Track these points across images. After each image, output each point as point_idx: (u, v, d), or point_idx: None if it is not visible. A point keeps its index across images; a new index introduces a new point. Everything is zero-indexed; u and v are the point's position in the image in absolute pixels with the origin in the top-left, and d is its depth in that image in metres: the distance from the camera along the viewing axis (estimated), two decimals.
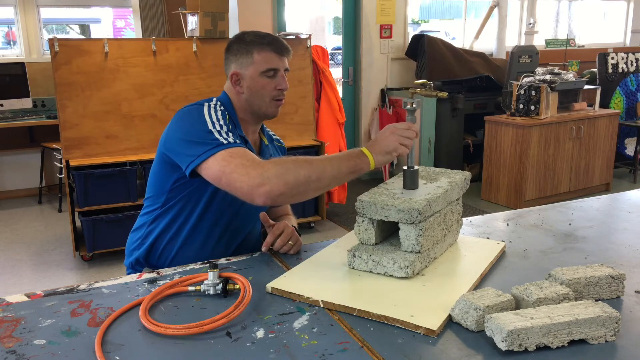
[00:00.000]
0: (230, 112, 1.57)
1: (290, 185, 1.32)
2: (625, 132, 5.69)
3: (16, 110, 4.93)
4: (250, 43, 1.55)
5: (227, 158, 1.37)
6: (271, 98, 1.57)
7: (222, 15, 3.93)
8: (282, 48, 1.57)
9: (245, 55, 1.55)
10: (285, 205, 1.79)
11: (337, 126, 4.50)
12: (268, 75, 1.55)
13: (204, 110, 1.50)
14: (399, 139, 1.37)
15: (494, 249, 1.49)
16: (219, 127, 1.45)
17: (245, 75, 1.56)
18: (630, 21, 7.57)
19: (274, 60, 1.56)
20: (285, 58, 1.59)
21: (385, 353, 1.02)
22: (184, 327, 1.09)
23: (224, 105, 1.58)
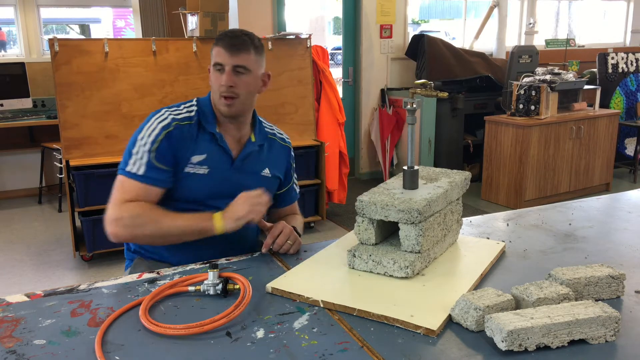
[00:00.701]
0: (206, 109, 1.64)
1: (134, 237, 1.54)
2: (625, 132, 5.69)
3: (16, 110, 4.93)
4: (216, 38, 1.61)
5: (117, 184, 1.55)
6: (220, 94, 1.58)
7: (222, 15, 3.93)
8: (231, 45, 1.56)
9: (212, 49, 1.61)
10: (293, 204, 1.86)
11: (337, 126, 4.50)
12: (216, 69, 1.58)
13: (145, 125, 1.59)
14: (250, 207, 1.48)
15: (494, 249, 1.49)
16: (142, 149, 1.55)
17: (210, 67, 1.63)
18: (630, 21, 7.57)
19: (221, 55, 1.57)
20: (235, 55, 1.56)
21: (385, 353, 1.02)
22: (184, 327, 1.09)
23: (203, 103, 1.66)
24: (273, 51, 4.12)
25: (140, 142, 1.56)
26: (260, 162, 1.71)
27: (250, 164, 1.68)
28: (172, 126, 1.57)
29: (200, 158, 1.60)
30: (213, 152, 1.62)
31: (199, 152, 1.60)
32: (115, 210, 1.51)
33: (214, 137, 1.62)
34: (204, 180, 1.60)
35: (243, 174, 1.66)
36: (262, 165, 1.71)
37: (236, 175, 1.64)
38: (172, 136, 1.57)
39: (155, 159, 1.54)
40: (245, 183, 1.63)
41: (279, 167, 1.77)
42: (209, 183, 1.61)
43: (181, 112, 1.62)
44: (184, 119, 1.60)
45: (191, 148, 1.60)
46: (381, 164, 5.65)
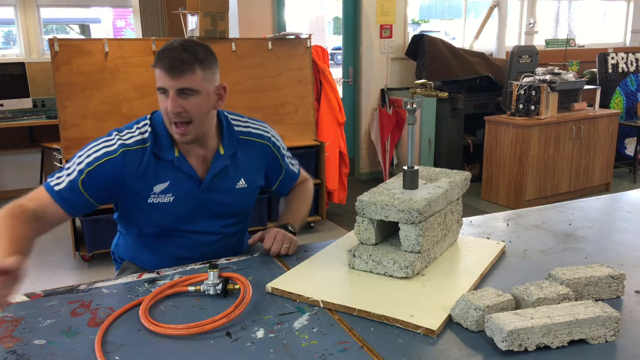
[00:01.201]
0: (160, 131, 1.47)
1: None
2: (625, 132, 5.69)
3: (16, 110, 4.93)
4: (156, 55, 1.42)
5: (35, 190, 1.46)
6: (169, 120, 1.43)
7: (222, 15, 3.93)
8: (170, 67, 1.38)
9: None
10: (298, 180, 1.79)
11: (337, 126, 4.50)
12: (161, 92, 1.42)
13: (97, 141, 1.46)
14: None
15: (494, 249, 1.49)
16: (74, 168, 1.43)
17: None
18: (630, 21, 7.57)
19: (163, 78, 1.39)
20: (178, 78, 1.38)
21: (385, 353, 1.02)
22: (184, 327, 1.09)
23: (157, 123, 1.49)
24: (273, 51, 4.12)
25: (77, 160, 1.44)
26: (234, 174, 1.57)
27: (222, 180, 1.54)
28: (117, 153, 1.43)
29: (163, 186, 1.48)
30: (176, 178, 1.48)
31: (161, 180, 1.47)
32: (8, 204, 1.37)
33: (173, 163, 1.48)
34: (169, 208, 1.49)
35: (215, 192, 1.54)
36: (236, 177, 1.57)
37: (207, 195, 1.53)
38: (114, 164, 1.42)
39: (82, 182, 1.41)
40: (217, 201, 1.54)
41: (257, 171, 1.63)
42: (175, 211, 1.50)
43: (133, 136, 1.46)
44: (136, 143, 1.45)
45: (150, 176, 1.46)
46: (381, 164, 5.65)
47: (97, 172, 1.42)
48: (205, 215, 1.55)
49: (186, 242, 1.58)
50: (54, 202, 1.42)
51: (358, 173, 5.90)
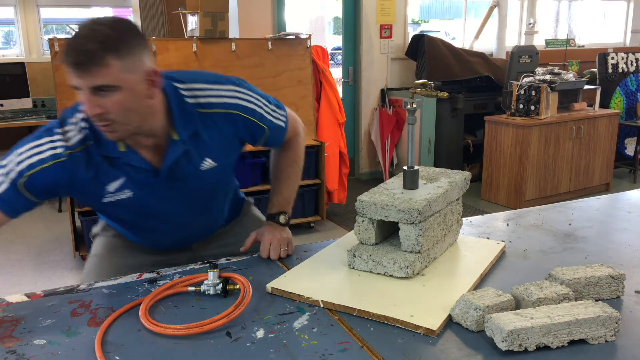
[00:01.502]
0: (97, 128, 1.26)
1: None
2: (625, 132, 5.69)
3: (16, 110, 4.93)
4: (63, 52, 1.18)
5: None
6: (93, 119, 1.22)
7: (222, 15, 3.93)
8: (75, 63, 1.15)
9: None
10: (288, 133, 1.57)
11: (337, 126, 4.50)
12: (78, 92, 1.20)
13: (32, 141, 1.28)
14: None
15: (494, 249, 1.49)
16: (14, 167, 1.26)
17: None
18: (630, 21, 7.58)
19: (72, 76, 1.17)
20: (87, 76, 1.15)
21: (385, 353, 1.02)
22: (184, 327, 1.09)
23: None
24: (273, 51, 4.12)
25: (16, 159, 1.26)
26: (197, 156, 1.36)
27: (183, 166, 1.35)
28: (64, 156, 1.26)
29: (117, 184, 1.32)
30: (129, 173, 1.32)
31: (113, 178, 1.31)
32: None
33: (121, 159, 1.30)
34: (131, 203, 1.36)
35: (178, 180, 1.37)
36: (199, 158, 1.37)
37: (167, 186, 1.36)
38: (58, 168, 1.26)
39: (25, 185, 1.25)
40: (182, 190, 1.40)
41: (226, 145, 1.41)
42: (139, 205, 1.37)
43: (73, 135, 1.27)
44: (79, 143, 1.27)
45: (101, 176, 1.30)
46: (381, 164, 5.65)
47: (40, 175, 1.25)
48: (169, 207, 1.42)
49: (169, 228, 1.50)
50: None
51: (358, 173, 5.90)
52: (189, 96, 1.33)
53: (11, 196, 1.27)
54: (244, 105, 1.39)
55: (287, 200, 1.59)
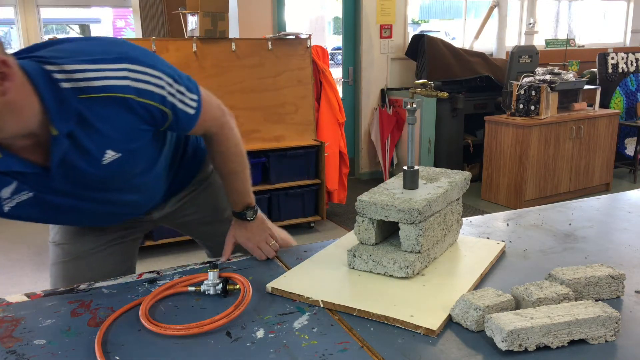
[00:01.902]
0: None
1: None
2: (625, 132, 5.69)
3: None
4: None
5: None
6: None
7: (222, 15, 3.93)
8: None
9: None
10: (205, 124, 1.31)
11: (337, 126, 4.50)
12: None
13: None
14: None
15: (494, 249, 1.49)
16: None
17: None
18: (630, 21, 7.58)
19: None
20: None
21: (385, 353, 1.02)
22: (184, 327, 1.09)
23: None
24: (273, 51, 4.12)
25: None
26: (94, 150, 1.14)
27: (78, 163, 1.14)
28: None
29: (10, 189, 1.14)
30: (17, 176, 1.13)
31: (2, 184, 1.12)
32: None
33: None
34: (39, 202, 1.19)
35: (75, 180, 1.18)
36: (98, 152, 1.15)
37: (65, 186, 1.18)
38: None
39: None
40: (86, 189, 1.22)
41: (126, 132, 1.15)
42: (46, 204, 1.21)
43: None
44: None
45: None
46: (381, 164, 5.65)
47: None
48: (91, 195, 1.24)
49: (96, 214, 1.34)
50: None
51: (358, 173, 5.90)
52: (64, 80, 1.06)
53: None
54: (137, 88, 1.11)
55: (245, 192, 1.46)
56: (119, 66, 1.10)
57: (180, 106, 1.20)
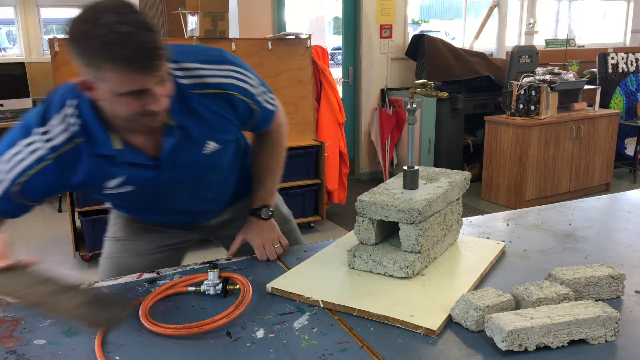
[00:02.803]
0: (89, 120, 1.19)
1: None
2: (625, 132, 5.69)
3: (16, 110, 4.93)
4: (99, 52, 1.05)
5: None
6: (142, 115, 1.14)
7: (222, 15, 3.93)
8: (146, 60, 1.06)
9: (93, 66, 1.09)
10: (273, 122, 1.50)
11: (337, 126, 4.50)
12: (131, 96, 1.10)
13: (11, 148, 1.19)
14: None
15: (494, 249, 1.49)
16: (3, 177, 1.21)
17: (99, 88, 1.12)
18: (630, 21, 7.58)
19: (136, 80, 1.07)
20: (155, 71, 1.08)
21: (385, 353, 1.02)
22: (184, 327, 1.09)
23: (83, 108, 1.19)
24: (273, 51, 4.12)
25: (3, 167, 1.19)
26: (198, 141, 1.29)
27: (184, 152, 1.28)
28: (49, 159, 1.18)
29: (115, 182, 1.27)
30: (127, 170, 1.25)
31: (111, 177, 1.25)
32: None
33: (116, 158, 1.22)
34: (135, 194, 1.32)
35: (180, 168, 1.30)
36: (201, 142, 1.29)
37: (170, 174, 1.30)
38: (48, 171, 1.19)
39: (20, 193, 1.21)
40: (186, 177, 1.34)
41: (225, 125, 1.32)
42: (141, 197, 1.34)
43: (57, 133, 1.18)
44: (65, 143, 1.18)
45: (96, 176, 1.24)
46: (381, 164, 5.65)
47: (32, 181, 1.20)
48: (175, 195, 1.38)
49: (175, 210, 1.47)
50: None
51: (358, 173, 5.90)
52: (182, 76, 1.23)
53: (7, 204, 1.25)
54: (239, 86, 1.31)
55: (270, 192, 1.54)
56: (225, 67, 1.29)
57: (265, 104, 1.40)
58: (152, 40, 1.08)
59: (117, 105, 1.12)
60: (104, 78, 1.08)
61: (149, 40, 1.07)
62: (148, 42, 1.07)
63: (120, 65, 1.06)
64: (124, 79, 1.07)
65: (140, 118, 1.15)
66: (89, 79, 1.12)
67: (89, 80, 1.13)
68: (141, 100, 1.11)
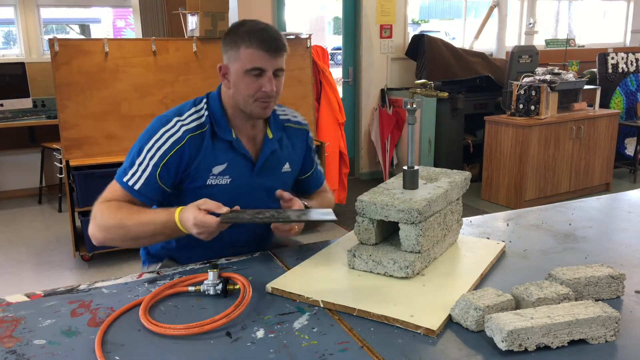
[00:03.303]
0: (217, 112, 1.52)
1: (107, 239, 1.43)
2: (625, 132, 5.69)
3: (16, 110, 4.93)
4: (241, 36, 1.44)
5: (109, 187, 1.48)
6: (256, 99, 1.47)
7: (222, 15, 3.93)
8: (273, 47, 1.44)
9: (234, 48, 1.45)
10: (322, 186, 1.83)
11: (337, 126, 4.50)
12: (254, 74, 1.44)
13: (153, 135, 1.47)
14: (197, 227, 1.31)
15: (494, 249, 1.49)
16: (148, 162, 1.45)
17: (231, 70, 1.48)
18: (630, 21, 7.57)
19: (262, 59, 1.43)
20: (276, 58, 1.45)
21: (385, 353, 1.02)
22: (184, 327, 1.09)
23: (213, 104, 1.54)
24: None
25: (147, 154, 1.46)
26: (281, 159, 1.62)
27: (271, 164, 1.60)
28: (185, 140, 1.46)
29: (221, 168, 1.51)
30: (233, 159, 1.53)
31: (219, 162, 1.51)
32: (95, 209, 1.44)
33: (232, 144, 1.52)
34: (225, 190, 1.52)
35: (264, 177, 1.58)
36: (282, 161, 1.63)
37: (257, 179, 1.57)
38: (184, 151, 1.47)
39: (159, 176, 1.46)
40: (266, 184, 1.58)
41: (298, 156, 1.68)
42: (230, 192, 1.53)
43: (192, 120, 1.50)
44: (196, 128, 1.49)
45: (209, 158, 1.50)
46: (381, 164, 5.65)
47: (171, 162, 1.46)
48: (255, 199, 1.56)
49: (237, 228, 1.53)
50: (134, 199, 1.46)
51: (358, 173, 5.90)
52: (279, 113, 1.67)
53: (149, 189, 1.46)
54: (309, 131, 1.73)
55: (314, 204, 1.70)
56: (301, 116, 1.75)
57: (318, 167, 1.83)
58: (280, 36, 1.48)
59: (242, 84, 1.46)
60: (238, 57, 1.45)
61: (278, 35, 1.47)
62: (277, 35, 1.47)
63: (253, 44, 1.43)
64: (253, 57, 1.43)
65: (255, 103, 1.47)
66: (226, 63, 1.50)
67: (225, 65, 1.49)
68: (259, 81, 1.45)
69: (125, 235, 1.41)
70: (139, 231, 1.40)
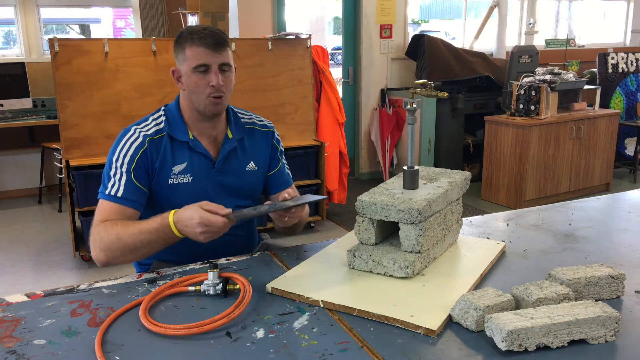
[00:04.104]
0: (174, 117, 1.61)
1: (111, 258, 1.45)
2: (625, 132, 5.69)
3: (16, 110, 4.93)
4: (185, 37, 1.54)
5: (97, 208, 1.53)
6: (206, 95, 1.54)
7: (222, 15, 3.93)
8: (213, 42, 1.51)
9: (181, 51, 1.55)
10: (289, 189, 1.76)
11: (337, 126, 4.50)
12: (200, 71, 1.53)
13: (117, 146, 1.57)
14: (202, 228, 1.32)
15: (494, 249, 1.49)
16: (119, 170, 1.53)
17: (182, 71, 1.56)
18: (630, 21, 7.57)
19: (205, 55, 1.52)
20: (220, 53, 1.53)
21: (385, 353, 1.02)
22: (184, 327, 1.09)
23: (170, 111, 1.63)
24: (273, 51, 4.12)
25: (117, 164, 1.54)
26: (244, 158, 1.68)
27: (233, 162, 1.65)
28: (146, 144, 1.56)
29: (181, 167, 1.59)
30: (192, 158, 1.60)
31: (179, 162, 1.59)
32: (92, 233, 1.47)
33: (189, 144, 1.60)
34: (188, 188, 1.59)
35: (226, 174, 1.64)
36: (245, 160, 1.68)
37: (219, 177, 1.63)
38: (147, 154, 1.55)
39: (135, 178, 1.53)
40: (230, 183, 1.64)
41: (263, 154, 1.73)
42: (193, 190, 1.59)
43: (150, 127, 1.59)
44: (155, 133, 1.58)
45: (169, 160, 1.58)
46: (381, 164, 5.65)
47: (138, 166, 1.54)
48: (220, 196, 1.59)
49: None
50: (124, 207, 1.51)
51: (358, 173, 5.90)
52: (239, 114, 1.73)
53: (132, 193, 1.52)
54: (274, 133, 1.77)
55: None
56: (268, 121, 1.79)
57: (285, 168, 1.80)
58: (221, 33, 1.56)
59: (192, 83, 1.54)
60: (185, 58, 1.54)
61: (219, 32, 1.55)
62: (218, 32, 1.55)
63: (194, 42, 1.52)
64: (197, 54, 1.52)
65: (207, 99, 1.54)
66: (177, 68, 1.59)
67: (177, 69, 1.59)
68: (207, 77, 1.53)
69: (123, 248, 1.42)
70: (136, 241, 1.41)
